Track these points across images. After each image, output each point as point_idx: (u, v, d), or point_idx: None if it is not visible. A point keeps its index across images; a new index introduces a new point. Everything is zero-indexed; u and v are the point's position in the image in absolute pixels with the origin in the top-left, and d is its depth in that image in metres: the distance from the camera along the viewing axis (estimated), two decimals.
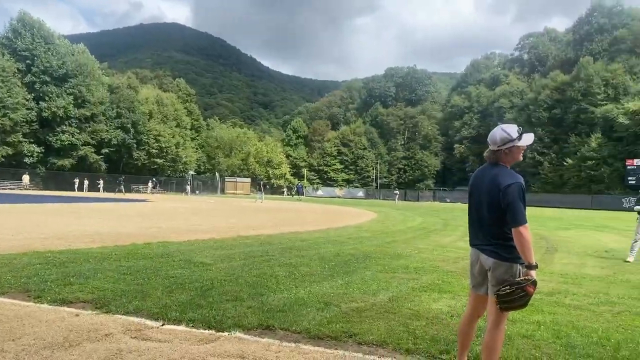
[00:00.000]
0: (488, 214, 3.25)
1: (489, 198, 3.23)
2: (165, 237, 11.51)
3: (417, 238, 14.15)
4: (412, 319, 4.95)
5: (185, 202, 35.96)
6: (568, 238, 15.76)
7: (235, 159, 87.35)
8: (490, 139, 3.33)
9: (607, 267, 9.42)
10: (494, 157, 3.34)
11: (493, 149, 3.31)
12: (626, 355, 4.09)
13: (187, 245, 10.22)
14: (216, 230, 13.94)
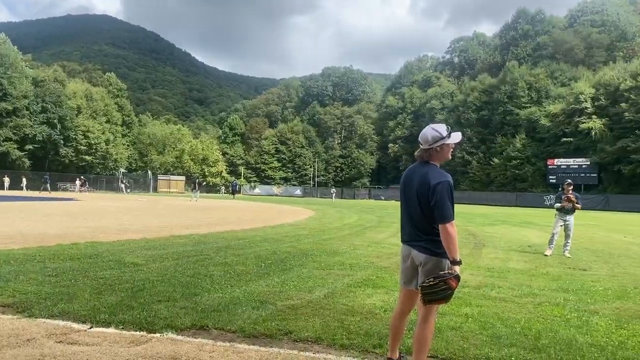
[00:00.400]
0: (419, 211, 3.35)
1: (420, 195, 3.32)
2: (94, 237, 11.04)
3: (353, 235, 14.37)
4: (347, 315, 5.03)
5: (116, 201, 34.65)
6: (495, 234, 16.51)
7: (168, 157, 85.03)
8: (421, 138, 3.42)
9: (530, 261, 9.96)
10: (425, 155, 3.42)
11: (425, 147, 3.40)
12: (546, 343, 4.33)
13: (117, 245, 9.85)
14: (148, 229, 13.53)
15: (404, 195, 3.52)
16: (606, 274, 8.61)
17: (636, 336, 4.66)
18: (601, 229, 20.65)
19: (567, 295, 6.53)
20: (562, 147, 60.02)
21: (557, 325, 4.96)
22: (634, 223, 26.43)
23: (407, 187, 3.48)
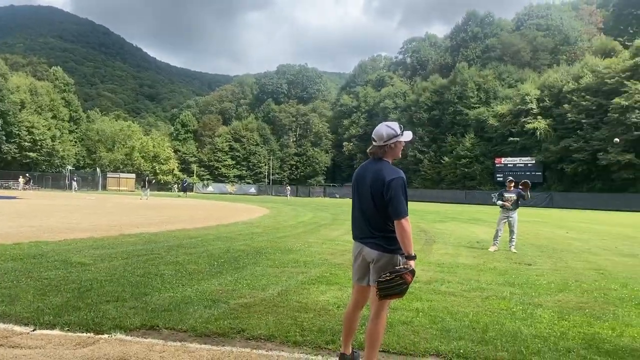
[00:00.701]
0: (372, 207, 3.37)
1: (374, 191, 3.34)
2: (39, 236, 10.61)
3: (308, 232, 14.39)
4: (301, 312, 5.03)
5: (63, 199, 33.40)
6: (445, 230, 16.91)
7: (118, 154, 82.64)
8: (375, 135, 3.45)
9: (478, 257, 10.25)
10: (379, 152, 3.45)
11: (379, 144, 3.43)
12: (493, 335, 4.47)
13: (63, 245, 9.50)
14: (96, 228, 13.11)
15: (357, 192, 3.52)
16: (549, 268, 8.96)
17: (576, 327, 4.87)
18: (545, 225, 21.49)
19: (513, 289, 6.76)
20: (509, 147, 62.10)
21: (504, 318, 5.12)
22: (575, 219, 27.65)
23: (359, 184, 3.49)
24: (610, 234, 17.52)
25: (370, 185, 3.38)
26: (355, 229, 3.56)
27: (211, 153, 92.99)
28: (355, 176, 3.57)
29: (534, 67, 72.29)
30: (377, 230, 3.36)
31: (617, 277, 7.98)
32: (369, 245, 3.38)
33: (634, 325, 4.97)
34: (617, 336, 4.60)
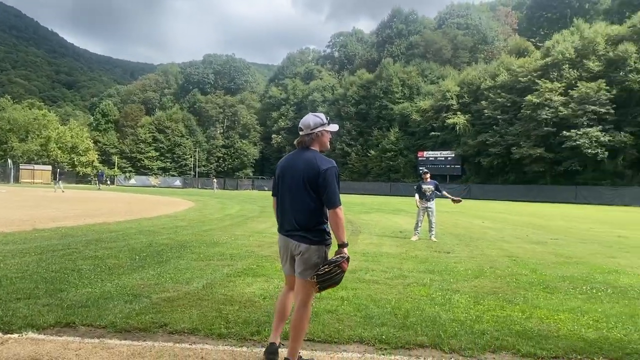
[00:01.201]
0: (306, 198, 3.30)
1: (308, 181, 3.28)
2: None
3: (235, 225, 14.24)
4: (226, 304, 4.98)
5: None
6: (370, 221, 17.31)
7: (32, 144, 77.56)
8: (302, 124, 3.43)
9: (401, 246, 10.59)
10: (307, 141, 3.42)
11: (306, 132, 3.41)
12: (413, 321, 4.64)
13: None
14: (6, 223, 12.27)
15: (284, 184, 3.44)
16: (467, 255, 9.42)
17: (490, 310, 5.16)
18: (463, 215, 22.53)
19: (432, 276, 7.04)
20: (431, 141, 64.47)
21: (424, 304, 5.33)
22: (491, 210, 29.20)
23: (288, 175, 3.42)
24: (522, 223, 18.66)
25: (302, 175, 3.31)
26: (282, 222, 3.48)
27: (133, 144, 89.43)
28: (282, 167, 3.50)
29: (455, 64, 75.37)
30: (308, 222, 3.32)
31: (528, 263, 8.52)
32: (295, 239, 3.34)
33: (541, 308, 5.33)
34: (527, 318, 4.91)
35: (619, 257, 9.68)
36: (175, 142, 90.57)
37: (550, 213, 27.02)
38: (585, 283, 6.76)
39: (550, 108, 50.32)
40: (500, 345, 4.07)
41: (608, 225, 18.55)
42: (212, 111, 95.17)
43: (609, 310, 5.30)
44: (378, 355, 3.81)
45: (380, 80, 73.30)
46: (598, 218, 23.61)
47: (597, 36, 51.42)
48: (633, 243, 12.51)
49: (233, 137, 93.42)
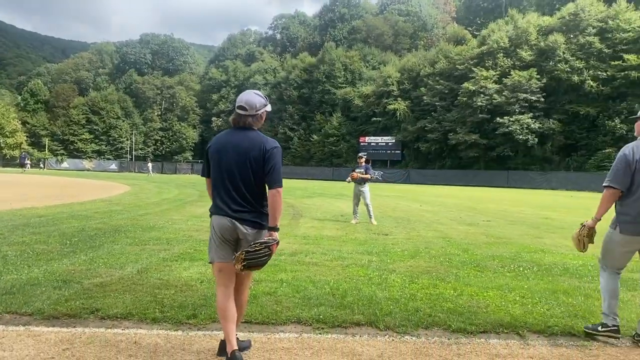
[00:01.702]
0: (250, 178, 3.18)
1: (254, 160, 3.16)
2: None
3: (172, 210, 13.93)
4: (161, 289, 4.88)
5: None
6: (312, 205, 17.41)
7: None
8: (247, 104, 3.22)
9: (341, 229, 10.73)
10: (250, 121, 3.25)
11: (251, 113, 3.23)
12: (350, 300, 4.73)
13: None
14: None
15: (224, 164, 3.22)
16: (404, 237, 9.67)
17: (424, 289, 5.33)
18: (402, 199, 23.09)
19: (370, 257, 7.19)
20: (373, 126, 65.37)
21: (361, 284, 5.43)
22: (428, 194, 30.06)
23: (230, 154, 3.22)
24: (456, 206, 19.33)
25: (249, 155, 3.17)
26: (224, 205, 3.21)
27: (66, 126, 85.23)
28: (220, 146, 3.26)
29: (396, 50, 76.49)
30: (252, 204, 3.20)
31: (460, 244, 8.85)
32: (247, 224, 3.18)
33: (472, 285, 5.56)
34: (458, 295, 5.11)
35: (544, 238, 10.23)
36: (110, 124, 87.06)
37: (483, 196, 28.15)
38: (513, 262, 7.11)
39: (485, 95, 52.12)
40: (432, 322, 4.21)
41: (536, 208, 19.54)
42: (150, 92, 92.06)
43: (534, 287, 5.60)
44: (315, 334, 3.85)
45: (322, 64, 73.31)
46: (527, 201, 24.83)
47: (530, 26, 53.59)
48: (558, 224, 13.25)
49: (171, 119, 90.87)
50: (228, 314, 3.17)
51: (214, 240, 3.25)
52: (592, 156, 46.43)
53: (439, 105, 57.72)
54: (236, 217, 3.17)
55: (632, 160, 3.89)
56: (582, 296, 5.20)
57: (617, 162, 3.97)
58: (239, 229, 3.18)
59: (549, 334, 4.05)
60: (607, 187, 3.98)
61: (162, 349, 3.39)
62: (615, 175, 3.94)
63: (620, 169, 3.93)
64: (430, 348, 3.65)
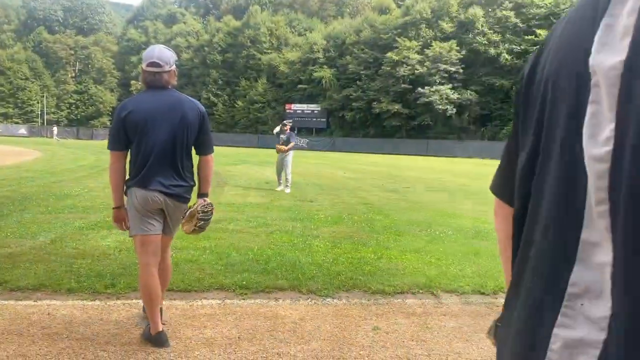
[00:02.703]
0: (186, 147, 2.96)
1: (190, 125, 2.95)
2: None
3: (89, 177, 13.30)
4: (77, 258, 4.70)
5: None
6: (237, 173, 17.25)
7: None
8: (161, 59, 2.92)
9: (266, 196, 10.73)
10: (166, 79, 2.96)
11: (166, 69, 2.94)
12: (274, 266, 4.78)
13: None
14: None
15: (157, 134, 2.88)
16: (328, 204, 9.84)
17: (346, 253, 5.49)
18: (327, 167, 23.38)
19: (295, 223, 7.27)
20: (298, 93, 65.07)
21: (285, 250, 5.51)
22: (353, 162, 30.62)
23: (163, 123, 2.89)
24: (379, 173, 19.86)
25: (183, 121, 2.92)
26: (154, 179, 2.91)
27: None
28: (146, 114, 2.87)
29: (322, 17, 75.93)
30: (185, 177, 3.01)
31: (382, 210, 9.15)
32: (180, 200, 3.00)
33: (391, 249, 5.80)
34: (378, 259, 5.31)
35: (460, 203, 10.79)
36: (18, 85, 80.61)
37: (404, 164, 29.09)
38: (430, 226, 7.46)
39: (407, 66, 53.23)
40: (353, 284, 4.37)
41: (453, 175, 20.50)
42: (62, 53, 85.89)
43: (448, 249, 5.93)
44: (238, 300, 3.88)
45: (247, 28, 71.50)
46: (445, 169, 25.95)
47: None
48: (473, 190, 13.99)
49: (87, 82, 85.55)
50: (153, 295, 2.94)
51: (138, 212, 2.93)
52: (505, 126, 49.02)
53: (364, 74, 58.34)
54: (169, 192, 2.92)
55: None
56: (492, 257, 5.56)
57: None
58: (168, 205, 2.97)
59: (460, 293, 4.32)
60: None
61: (78, 319, 3.29)
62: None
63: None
64: (351, 309, 3.79)
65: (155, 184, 2.91)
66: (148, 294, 2.94)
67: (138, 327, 3.20)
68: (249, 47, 70.34)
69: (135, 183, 2.94)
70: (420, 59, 52.97)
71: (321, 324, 3.43)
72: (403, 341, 3.20)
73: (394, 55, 53.99)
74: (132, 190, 2.95)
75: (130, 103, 2.98)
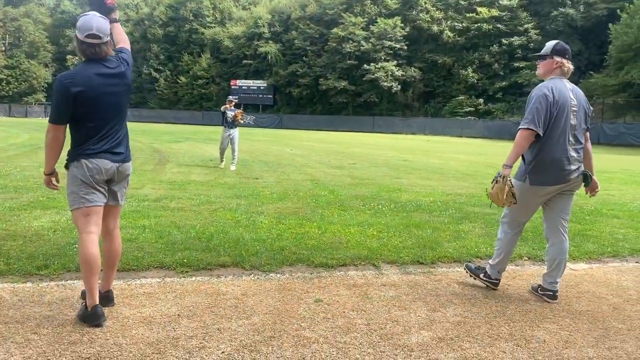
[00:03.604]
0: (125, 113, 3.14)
1: (127, 99, 3.15)
2: None
3: (21, 155, 12.67)
4: (7, 240, 4.47)
5: None
6: (179, 150, 16.86)
7: None
8: (100, 30, 2.87)
9: (210, 173, 10.57)
10: (106, 51, 2.95)
11: (104, 40, 2.90)
12: (217, 243, 4.73)
13: None
14: None
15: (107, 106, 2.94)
16: (274, 180, 9.81)
17: (290, 229, 5.50)
18: (274, 144, 23.25)
19: (239, 200, 7.21)
20: (244, 69, 63.95)
21: (229, 227, 5.45)
22: (300, 138, 30.58)
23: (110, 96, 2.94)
24: (325, 150, 19.96)
25: (124, 94, 3.08)
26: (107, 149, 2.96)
27: None
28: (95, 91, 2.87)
29: None
30: (126, 138, 3.14)
31: (327, 185, 9.22)
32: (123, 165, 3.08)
33: (335, 223, 5.85)
34: (322, 233, 5.35)
35: (403, 178, 11.02)
36: None
37: (350, 141, 29.34)
38: (373, 200, 7.59)
39: (353, 42, 53.31)
40: (297, 259, 4.39)
41: (397, 151, 20.87)
42: None
43: (390, 222, 6.05)
44: (179, 278, 3.82)
45: (190, 1, 69.14)
46: (390, 145, 26.39)
47: None
48: (415, 166, 14.31)
49: (18, 56, 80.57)
50: (95, 265, 2.90)
51: (85, 184, 2.91)
52: (448, 103, 50.24)
53: (310, 50, 57.98)
54: (119, 160, 3.01)
55: (552, 102, 3.44)
56: (431, 229, 5.73)
57: (537, 102, 3.44)
58: (119, 173, 3.04)
59: (400, 264, 4.44)
60: (525, 129, 3.43)
61: (7, 302, 3.14)
62: (537, 116, 3.41)
63: (541, 110, 3.42)
64: (294, 283, 3.82)
65: (107, 155, 2.96)
66: (89, 262, 2.89)
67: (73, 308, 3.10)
68: (191, 21, 68.16)
69: (85, 155, 2.91)
70: (365, 35, 53.13)
71: (264, 299, 3.43)
72: (344, 312, 3.26)
73: (340, 31, 53.89)
74: (81, 163, 2.91)
75: (79, 79, 2.88)
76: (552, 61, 3.59)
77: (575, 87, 3.64)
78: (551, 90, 3.45)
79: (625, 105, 37.74)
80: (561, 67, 3.56)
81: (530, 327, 3.15)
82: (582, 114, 3.58)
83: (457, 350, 2.77)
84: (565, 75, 3.60)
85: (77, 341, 2.66)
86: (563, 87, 3.52)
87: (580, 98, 3.59)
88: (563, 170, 3.48)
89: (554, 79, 3.56)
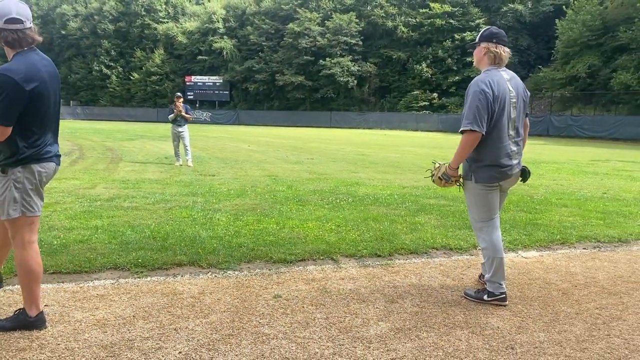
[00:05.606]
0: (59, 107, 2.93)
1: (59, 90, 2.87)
2: None
3: None
4: None
5: None
6: (133, 148, 16.44)
7: None
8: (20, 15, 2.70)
9: (165, 172, 10.36)
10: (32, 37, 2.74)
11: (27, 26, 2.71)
12: (172, 242, 4.64)
13: None
14: None
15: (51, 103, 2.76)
16: (231, 177, 9.71)
17: (249, 225, 5.45)
18: (231, 140, 23.00)
19: (196, 198, 7.10)
20: (199, 65, 62.88)
21: (185, 225, 5.36)
22: (257, 134, 30.36)
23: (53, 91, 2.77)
24: (283, 146, 19.89)
25: (59, 84, 2.86)
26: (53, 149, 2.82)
27: None
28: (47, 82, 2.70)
29: None
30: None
31: (285, 181, 9.19)
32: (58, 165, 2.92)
33: (293, 219, 5.84)
34: (280, 229, 5.33)
35: (360, 172, 11.11)
36: None
37: (308, 136, 29.35)
38: (331, 195, 7.61)
39: (309, 37, 53.26)
40: (255, 255, 4.36)
41: (354, 146, 21.02)
42: None
43: (348, 216, 6.09)
44: (134, 279, 3.73)
45: None
46: (347, 140, 26.53)
47: None
48: (372, 160, 14.45)
49: None
50: (40, 274, 2.81)
51: (34, 190, 2.73)
52: (403, 97, 50.90)
53: (266, 46, 57.56)
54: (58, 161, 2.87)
55: (492, 99, 3.22)
56: (388, 222, 5.80)
57: (476, 100, 3.20)
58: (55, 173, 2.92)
59: (359, 257, 4.47)
60: (469, 131, 3.22)
61: None
62: (479, 116, 3.19)
63: (482, 108, 3.19)
64: (252, 280, 3.79)
65: (53, 157, 2.82)
66: (35, 271, 2.77)
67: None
68: (143, 16, 66.40)
69: (36, 159, 2.71)
70: (321, 30, 53.17)
71: (222, 297, 3.39)
72: (303, 306, 3.26)
73: (296, 27, 53.73)
74: (31, 167, 2.70)
75: (29, 73, 2.61)
76: (479, 48, 3.42)
77: (514, 76, 3.43)
78: (489, 86, 3.22)
79: (572, 98, 39.20)
80: (488, 52, 3.34)
81: (485, 315, 3.24)
82: (521, 104, 3.40)
83: (414, 340, 2.82)
84: (501, 63, 3.37)
85: (26, 347, 2.56)
86: (501, 79, 3.30)
87: (518, 88, 3.40)
88: (505, 166, 3.34)
89: (491, 70, 3.34)
